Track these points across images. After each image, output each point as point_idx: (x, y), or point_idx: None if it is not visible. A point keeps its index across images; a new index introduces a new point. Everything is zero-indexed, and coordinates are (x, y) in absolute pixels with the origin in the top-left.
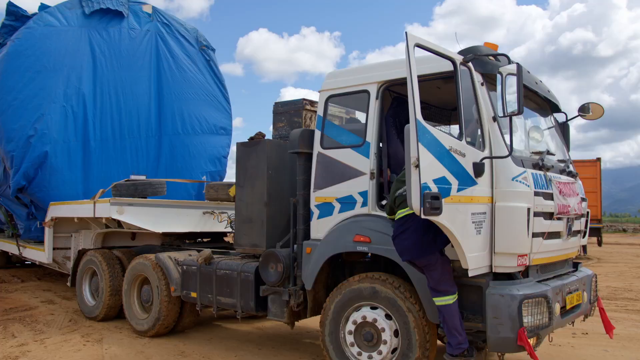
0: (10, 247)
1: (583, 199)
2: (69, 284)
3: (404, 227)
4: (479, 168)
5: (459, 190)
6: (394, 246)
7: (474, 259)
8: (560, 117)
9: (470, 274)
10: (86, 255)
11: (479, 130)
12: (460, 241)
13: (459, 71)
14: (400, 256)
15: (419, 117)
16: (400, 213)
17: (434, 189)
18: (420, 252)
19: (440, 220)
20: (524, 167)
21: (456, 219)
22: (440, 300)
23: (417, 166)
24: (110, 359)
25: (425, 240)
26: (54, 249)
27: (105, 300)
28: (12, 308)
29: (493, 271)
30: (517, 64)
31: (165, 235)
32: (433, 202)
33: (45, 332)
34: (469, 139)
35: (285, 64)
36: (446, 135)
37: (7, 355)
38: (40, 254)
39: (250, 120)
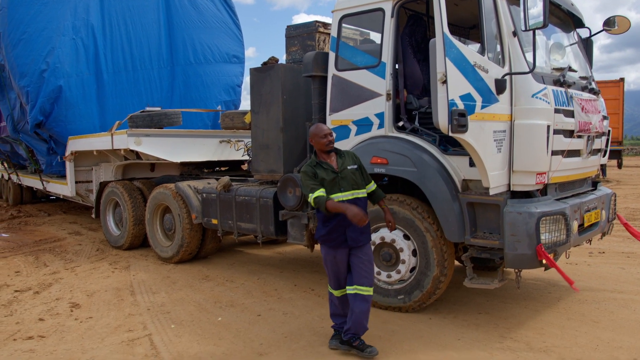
0: (35, 183)
1: (605, 117)
2: (93, 215)
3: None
4: (500, 85)
5: (482, 107)
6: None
7: (495, 177)
8: (584, 33)
9: (491, 192)
10: (108, 187)
11: (499, 46)
12: (483, 160)
13: None
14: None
15: (446, 30)
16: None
17: (461, 105)
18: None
19: (466, 138)
20: (544, 83)
21: (480, 137)
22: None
23: (445, 82)
24: (139, 284)
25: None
26: (76, 182)
27: (129, 230)
28: (41, 240)
29: (511, 189)
30: None
31: (184, 165)
32: (460, 119)
33: (75, 261)
34: (490, 55)
35: None
36: (471, 50)
37: (42, 282)
38: (63, 188)
39: (263, 50)
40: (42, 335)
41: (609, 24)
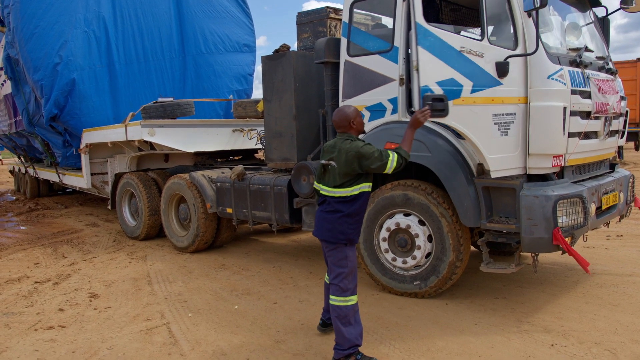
0: (51, 175)
1: (622, 98)
2: (109, 207)
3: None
4: (502, 67)
5: (473, 91)
6: (330, 225)
7: (497, 160)
8: (600, 12)
9: (492, 175)
10: (123, 179)
11: (512, 28)
12: (476, 143)
13: None
14: (344, 238)
15: (419, 19)
16: (352, 190)
17: (438, 90)
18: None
19: (448, 122)
20: (560, 64)
21: (470, 121)
22: (340, 300)
23: (417, 69)
24: (155, 274)
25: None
26: (91, 174)
27: (145, 220)
28: (59, 232)
29: (527, 173)
30: None
31: (197, 155)
32: (435, 104)
33: (92, 252)
34: (493, 38)
35: None
36: (456, 36)
37: (61, 273)
38: (79, 180)
39: (274, 39)
40: (63, 325)
41: (626, 2)
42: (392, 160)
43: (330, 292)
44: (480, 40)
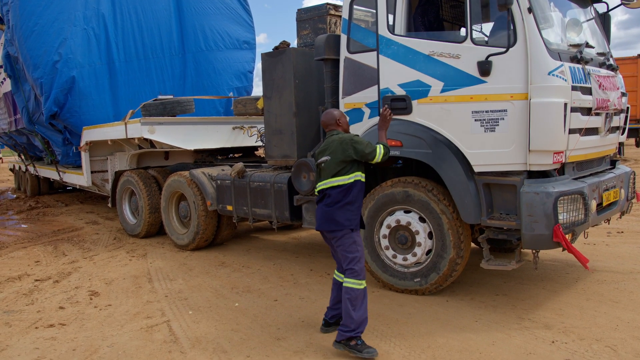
0: (51, 174)
1: (623, 94)
2: (109, 204)
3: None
4: (483, 66)
5: (444, 90)
6: (334, 215)
7: (479, 155)
8: (601, 8)
9: (475, 170)
10: (123, 176)
11: (511, 24)
12: (450, 138)
13: None
14: (349, 226)
15: (381, 31)
16: (349, 178)
17: (399, 92)
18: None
19: (413, 119)
20: (560, 60)
21: (442, 118)
22: (354, 283)
23: (378, 74)
24: (156, 272)
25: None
26: (92, 172)
27: (145, 218)
28: (60, 230)
29: (528, 169)
30: None
31: (197, 152)
32: (395, 103)
33: (92, 250)
34: (482, 38)
35: None
36: (425, 42)
37: (61, 271)
38: (80, 178)
39: (274, 36)
40: (63, 323)
41: None
42: (380, 147)
43: (345, 275)
44: (462, 42)
